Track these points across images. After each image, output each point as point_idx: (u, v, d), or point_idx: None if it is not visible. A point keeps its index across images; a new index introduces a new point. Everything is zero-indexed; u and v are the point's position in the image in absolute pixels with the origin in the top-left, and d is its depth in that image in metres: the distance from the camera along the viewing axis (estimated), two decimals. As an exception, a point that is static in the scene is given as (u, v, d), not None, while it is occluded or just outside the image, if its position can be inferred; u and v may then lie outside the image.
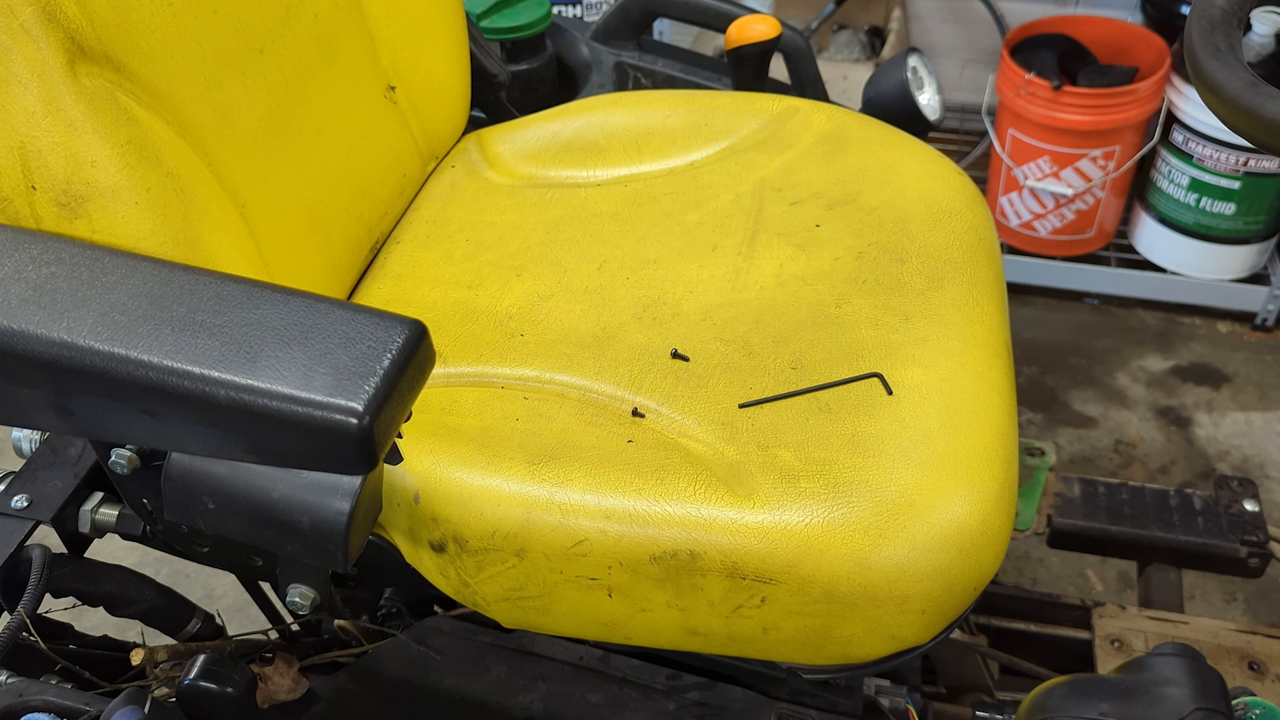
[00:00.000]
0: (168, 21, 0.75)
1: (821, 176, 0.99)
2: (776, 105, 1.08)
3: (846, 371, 0.79)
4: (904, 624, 0.72)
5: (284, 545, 0.71)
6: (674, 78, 1.32)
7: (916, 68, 1.23)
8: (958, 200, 0.96)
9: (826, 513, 0.70)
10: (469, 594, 0.77)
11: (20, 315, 0.60)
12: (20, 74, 0.65)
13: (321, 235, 0.91)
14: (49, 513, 0.90)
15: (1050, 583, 1.67)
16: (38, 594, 0.84)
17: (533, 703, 0.91)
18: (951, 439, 0.74)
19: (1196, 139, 1.91)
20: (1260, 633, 1.14)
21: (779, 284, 0.88)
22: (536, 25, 1.32)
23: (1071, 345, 2.08)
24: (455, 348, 0.86)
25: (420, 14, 1.03)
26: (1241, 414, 1.94)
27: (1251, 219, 1.97)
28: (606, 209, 1.00)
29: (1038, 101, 1.90)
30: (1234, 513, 1.24)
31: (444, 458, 0.76)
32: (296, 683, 0.94)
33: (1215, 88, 0.75)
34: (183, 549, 0.86)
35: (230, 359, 0.58)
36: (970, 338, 0.82)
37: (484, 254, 0.96)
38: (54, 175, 0.67)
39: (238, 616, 1.47)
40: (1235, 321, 2.12)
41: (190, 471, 0.70)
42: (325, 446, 0.57)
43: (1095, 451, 1.88)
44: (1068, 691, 0.84)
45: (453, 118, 1.11)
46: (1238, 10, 0.78)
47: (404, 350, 0.58)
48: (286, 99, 0.86)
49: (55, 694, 0.80)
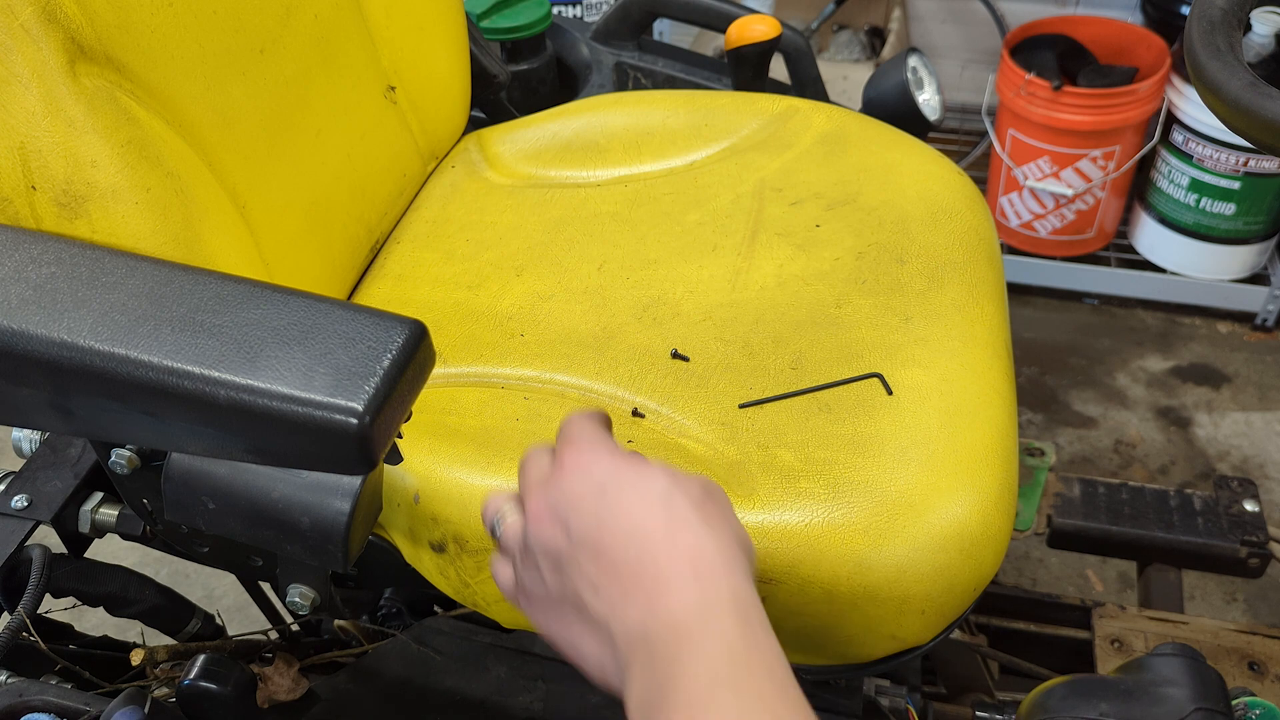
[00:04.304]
0: (168, 22, 0.75)
1: (821, 177, 0.99)
2: (776, 105, 1.08)
3: (846, 371, 0.79)
4: (904, 624, 0.72)
5: (284, 545, 0.71)
6: (674, 78, 1.32)
7: (916, 68, 1.23)
8: (958, 200, 0.96)
9: (826, 513, 0.70)
10: (469, 594, 0.77)
11: (20, 315, 0.60)
12: (20, 74, 0.65)
13: (321, 235, 0.91)
14: (49, 513, 0.90)
15: (1050, 583, 1.67)
16: (38, 594, 0.84)
17: (533, 703, 0.91)
18: (951, 439, 0.74)
19: (1196, 139, 1.91)
20: (1260, 633, 1.14)
21: (779, 284, 0.88)
22: (536, 25, 1.32)
23: (1071, 345, 2.08)
24: (455, 348, 0.86)
25: (420, 14, 1.03)
26: (1241, 414, 1.94)
27: (1251, 219, 1.97)
28: (606, 209, 1.00)
29: (1038, 102, 1.90)
30: (1234, 513, 1.24)
31: (444, 458, 0.76)
32: (296, 683, 0.94)
33: (1215, 88, 0.75)
34: (183, 549, 0.86)
35: (230, 359, 0.58)
36: (970, 338, 0.82)
37: (484, 254, 0.96)
38: (54, 175, 0.67)
39: (238, 616, 1.47)
40: (1235, 322, 2.12)
41: (190, 471, 0.70)
42: (325, 447, 0.57)
43: (1095, 452, 1.88)
44: (1068, 691, 0.84)
45: (453, 118, 1.11)
46: (1238, 10, 0.78)
47: (404, 350, 0.59)
48: (287, 99, 0.86)
49: (55, 694, 0.80)
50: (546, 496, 0.57)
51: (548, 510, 0.56)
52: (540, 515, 0.56)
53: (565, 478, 0.56)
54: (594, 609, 0.53)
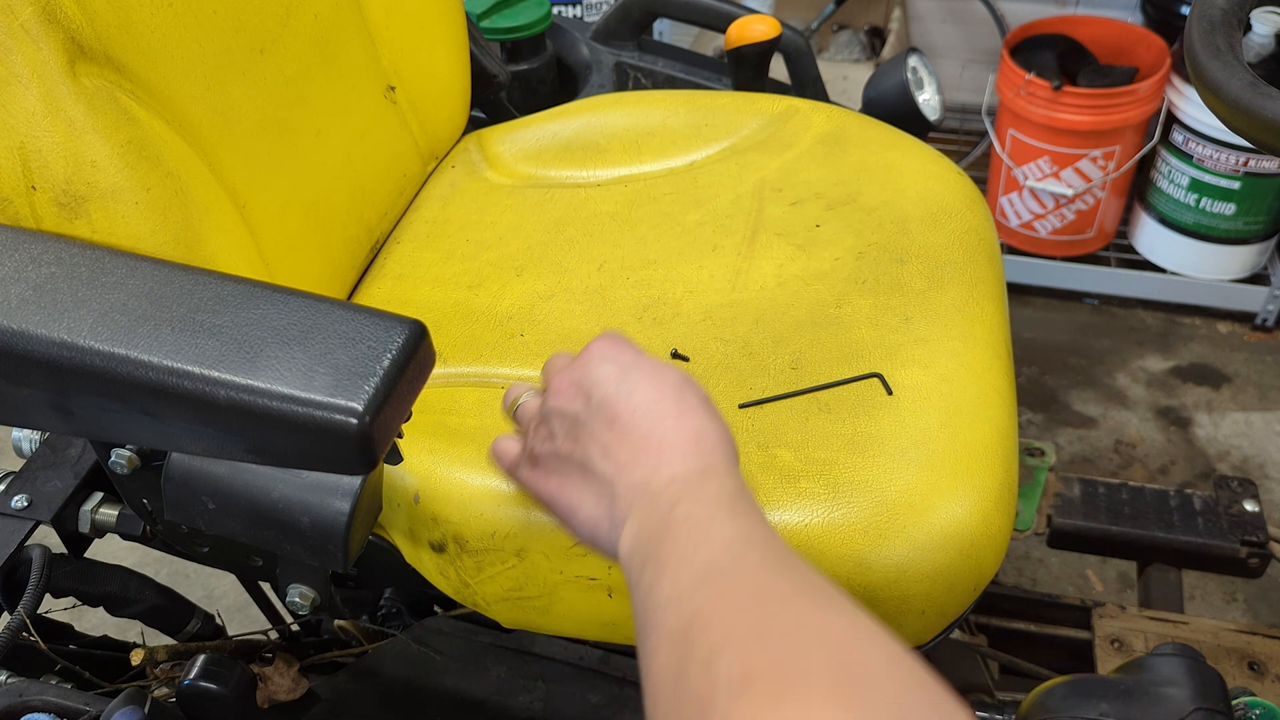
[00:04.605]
0: (168, 22, 0.75)
1: (821, 177, 0.99)
2: (776, 105, 1.08)
3: (846, 372, 0.79)
4: (904, 624, 0.72)
5: (284, 545, 0.71)
6: (674, 78, 1.32)
7: (916, 68, 1.23)
8: (958, 200, 0.96)
9: (826, 513, 0.70)
10: (469, 594, 0.77)
11: (21, 315, 0.60)
12: (20, 74, 0.65)
13: (321, 235, 0.91)
14: (49, 513, 0.90)
15: (1050, 583, 1.67)
16: (38, 594, 0.84)
17: (533, 703, 0.91)
18: (951, 439, 0.74)
19: (1196, 139, 1.91)
20: (1260, 633, 1.14)
21: (779, 284, 0.88)
22: (536, 25, 1.32)
23: (1071, 345, 2.08)
24: (455, 348, 0.86)
25: (420, 14, 1.03)
26: (1241, 414, 1.94)
27: (1251, 219, 1.97)
28: (606, 209, 1.00)
29: (1038, 102, 1.90)
30: (1234, 513, 1.24)
31: (444, 458, 0.76)
32: (296, 683, 0.94)
33: (1215, 88, 0.75)
34: (183, 549, 0.86)
35: (230, 359, 0.58)
36: (970, 338, 0.82)
37: (484, 254, 0.96)
38: (54, 175, 0.67)
39: (238, 616, 1.47)
40: (1235, 322, 2.12)
41: (190, 471, 0.70)
42: (325, 447, 0.57)
43: (1095, 452, 1.88)
44: (1068, 691, 0.84)
45: (453, 118, 1.11)
46: (1238, 10, 0.78)
47: (404, 350, 0.59)
48: (286, 99, 0.86)
49: (55, 694, 0.80)
50: (571, 374, 0.63)
51: (571, 383, 0.63)
52: (563, 387, 0.63)
53: (591, 359, 0.63)
54: (601, 469, 0.59)
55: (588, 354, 0.63)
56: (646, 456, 0.57)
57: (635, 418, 0.59)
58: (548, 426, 0.63)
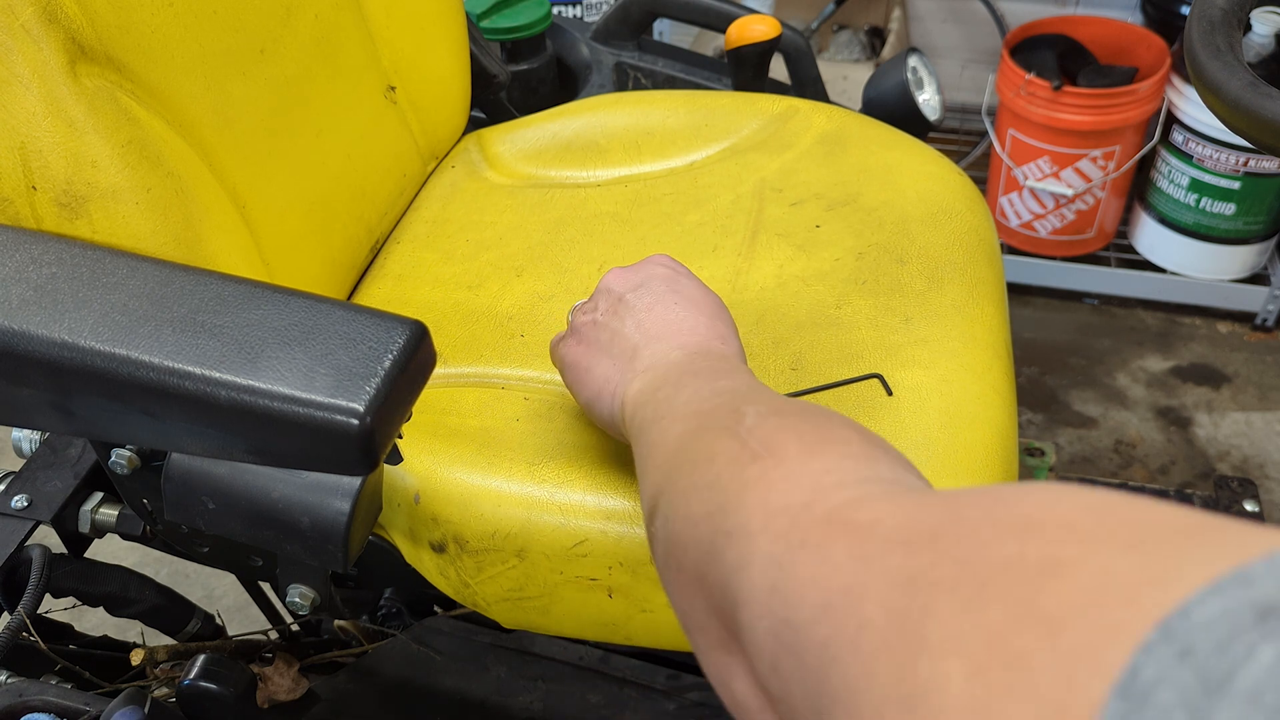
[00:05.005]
0: (168, 22, 0.75)
1: (821, 177, 0.99)
2: (776, 105, 1.08)
3: (846, 372, 0.79)
4: (904, 624, 0.71)
5: (284, 545, 0.71)
6: (674, 78, 1.32)
7: (916, 68, 1.23)
8: (958, 200, 0.96)
9: (827, 513, 0.70)
10: (469, 594, 0.77)
11: (21, 316, 0.60)
12: (21, 74, 0.65)
13: (322, 235, 0.91)
14: (49, 513, 0.90)
15: (1050, 583, 1.67)
16: (38, 594, 0.84)
17: (533, 703, 0.91)
18: (951, 439, 0.74)
19: (1196, 139, 1.91)
20: (1260, 633, 1.14)
21: (779, 285, 0.88)
22: (536, 25, 1.32)
23: (1071, 345, 2.08)
24: (455, 348, 0.86)
25: (420, 14, 1.04)
26: (1241, 414, 1.94)
27: (1251, 219, 1.97)
28: (607, 209, 1.00)
29: (1038, 102, 1.90)
30: (1234, 513, 1.24)
31: (444, 458, 0.76)
32: (296, 683, 0.94)
33: (1215, 88, 0.75)
34: (183, 549, 0.86)
35: (231, 360, 0.58)
36: (970, 338, 0.82)
37: (484, 254, 0.96)
38: (55, 175, 0.67)
39: (238, 616, 1.47)
40: (1235, 322, 2.12)
41: (190, 471, 0.70)
42: (326, 447, 0.57)
43: (1095, 452, 1.88)
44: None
45: (453, 118, 1.11)
46: (1238, 10, 0.78)
47: (405, 351, 0.59)
48: (287, 99, 0.86)
49: (55, 694, 0.80)
50: (628, 270, 0.70)
51: (627, 272, 0.70)
52: (618, 274, 0.70)
53: (650, 260, 0.71)
54: (630, 336, 0.65)
55: (648, 259, 0.71)
56: (675, 335, 0.64)
57: (674, 308, 0.66)
58: (594, 301, 0.70)
